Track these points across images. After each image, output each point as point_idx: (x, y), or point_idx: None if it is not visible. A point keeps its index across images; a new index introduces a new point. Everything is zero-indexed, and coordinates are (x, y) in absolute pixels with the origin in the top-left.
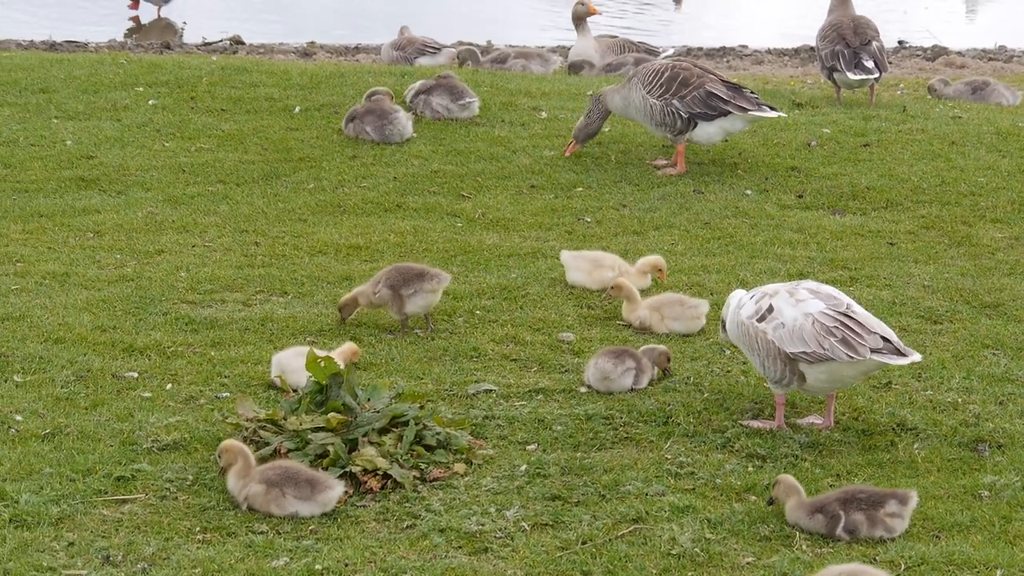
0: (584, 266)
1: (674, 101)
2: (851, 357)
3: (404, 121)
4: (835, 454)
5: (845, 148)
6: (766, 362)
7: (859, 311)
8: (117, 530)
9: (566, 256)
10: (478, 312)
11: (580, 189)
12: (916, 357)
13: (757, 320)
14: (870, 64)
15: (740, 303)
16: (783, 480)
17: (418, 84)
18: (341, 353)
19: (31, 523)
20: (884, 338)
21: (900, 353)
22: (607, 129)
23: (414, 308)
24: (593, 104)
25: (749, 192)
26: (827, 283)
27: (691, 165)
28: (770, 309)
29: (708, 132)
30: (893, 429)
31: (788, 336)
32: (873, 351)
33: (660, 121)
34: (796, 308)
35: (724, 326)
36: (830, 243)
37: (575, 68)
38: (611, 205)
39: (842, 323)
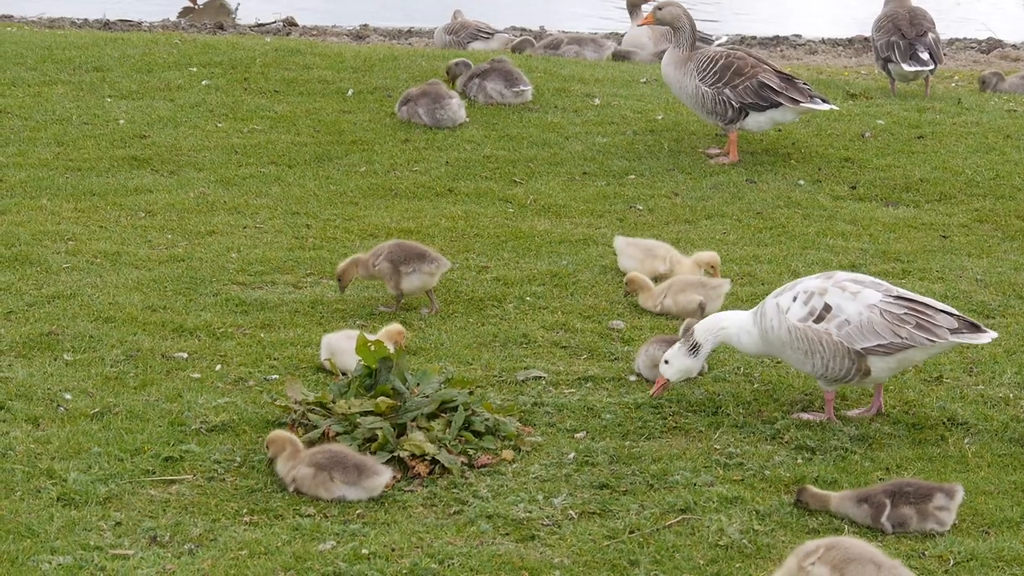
0: (636, 254)
1: (726, 90)
2: (932, 341)
3: (457, 107)
4: (885, 447)
5: (899, 140)
6: (831, 363)
7: (911, 293)
8: (164, 510)
9: (620, 242)
10: (528, 298)
11: (632, 177)
12: (994, 334)
13: (815, 322)
14: (925, 56)
15: (768, 312)
16: (807, 490)
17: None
18: (386, 333)
19: (79, 502)
20: (953, 315)
21: (977, 329)
22: (660, 116)
23: (410, 287)
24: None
25: (802, 182)
26: (879, 275)
27: (744, 155)
28: (827, 308)
29: (759, 122)
30: (943, 423)
31: (857, 332)
32: (952, 332)
33: (711, 109)
34: (856, 302)
35: (695, 350)
36: (883, 235)
37: (620, 56)
38: (663, 193)
39: (911, 308)
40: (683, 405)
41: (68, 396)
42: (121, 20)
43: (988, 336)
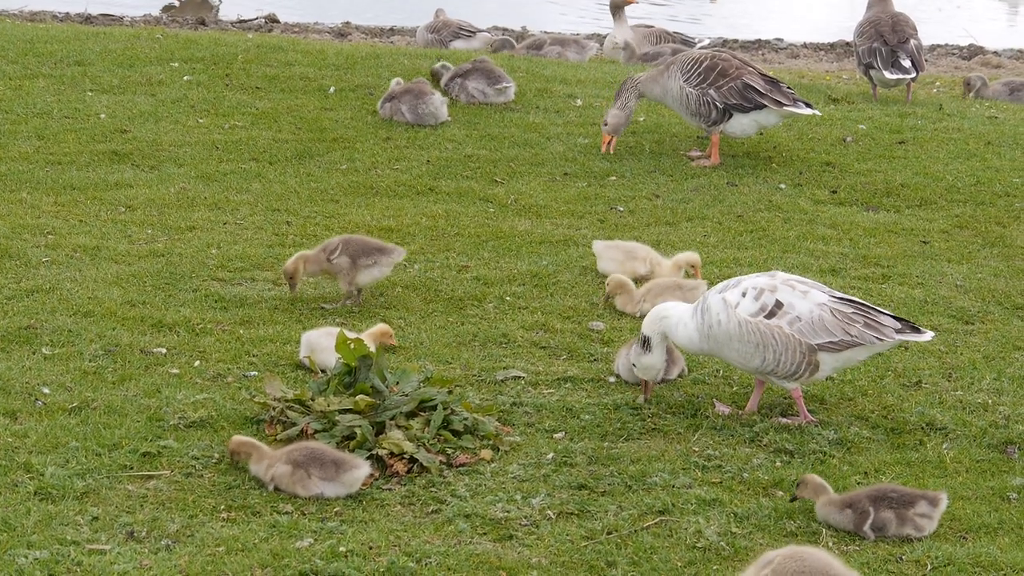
0: (616, 256)
1: (710, 91)
2: (880, 340)
3: (439, 104)
4: (863, 452)
5: (880, 145)
6: (782, 357)
7: (850, 296)
8: (142, 506)
9: (598, 246)
10: (508, 298)
11: (613, 178)
12: (931, 334)
13: (766, 317)
14: (907, 63)
15: (712, 307)
16: (810, 480)
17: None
18: (372, 335)
19: (56, 496)
20: (895, 317)
21: (917, 330)
22: (642, 119)
23: (366, 280)
24: (626, 91)
25: (783, 186)
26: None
27: (725, 158)
28: (779, 304)
29: (742, 124)
30: (922, 428)
31: (809, 328)
32: (897, 332)
33: (695, 110)
34: (806, 300)
35: (647, 345)
36: (863, 240)
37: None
38: (644, 195)
39: (858, 309)
40: (662, 407)
41: (46, 390)
42: (103, 14)
43: (927, 335)
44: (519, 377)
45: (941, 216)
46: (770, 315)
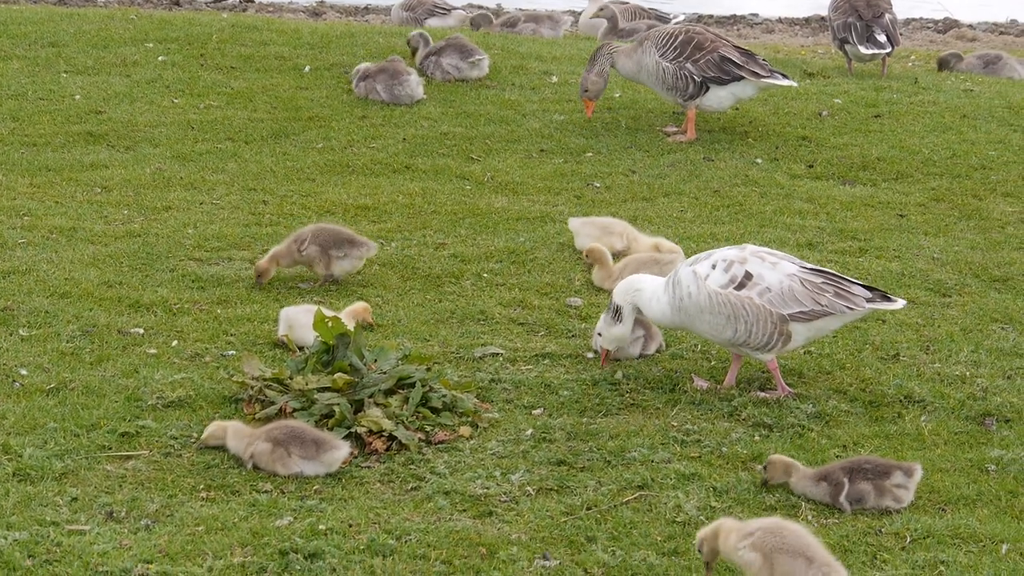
0: (593, 232)
1: (687, 64)
2: (851, 309)
3: (415, 83)
4: (842, 425)
5: (856, 119)
6: (753, 328)
7: (821, 267)
8: (121, 486)
9: (575, 223)
10: (486, 275)
11: (590, 154)
12: (903, 302)
13: (736, 288)
14: (882, 38)
15: (683, 280)
16: (777, 461)
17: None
18: (351, 312)
19: (35, 477)
20: (866, 286)
21: (888, 299)
22: (617, 95)
23: (340, 271)
24: (602, 58)
25: (759, 161)
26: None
27: (702, 133)
28: (748, 276)
29: (719, 97)
30: (900, 401)
31: (779, 299)
32: (868, 301)
33: (672, 85)
34: (776, 271)
35: (618, 315)
36: (840, 213)
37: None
38: (621, 171)
39: (828, 279)
40: (641, 382)
41: (24, 371)
42: None
43: (899, 303)
44: (497, 354)
45: (917, 189)
46: (740, 286)
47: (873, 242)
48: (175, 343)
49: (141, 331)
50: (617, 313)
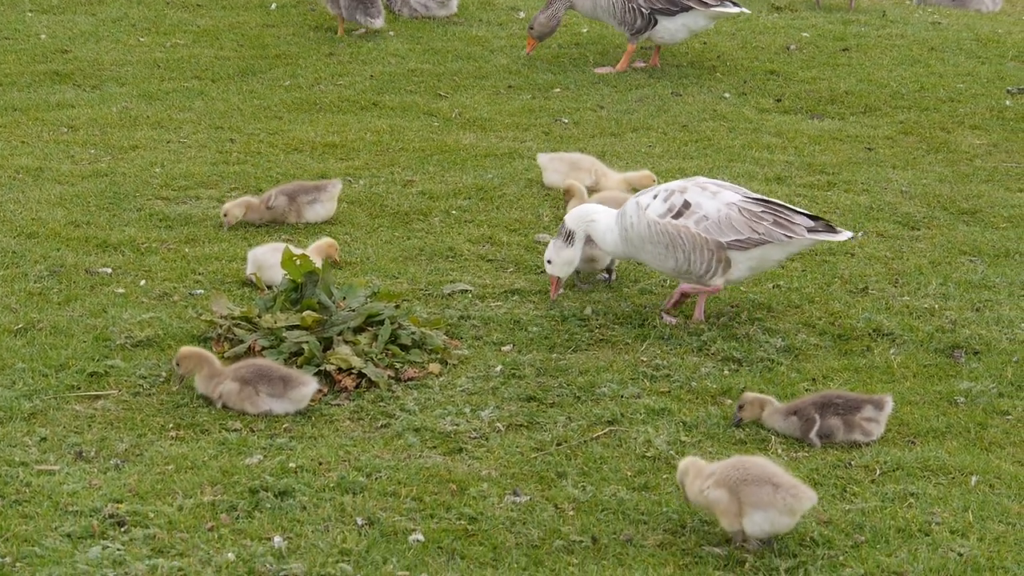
0: (561, 168)
1: None
2: (789, 237)
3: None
4: (811, 359)
5: (824, 52)
6: (692, 256)
7: (770, 198)
8: (90, 426)
9: (543, 158)
10: (454, 212)
11: (558, 90)
12: (849, 233)
13: (673, 217)
14: None
15: (628, 210)
16: (750, 400)
17: None
18: (317, 248)
19: (3, 418)
20: (812, 216)
21: (833, 230)
22: (585, 30)
23: (312, 217)
24: (557, 2)
25: (727, 95)
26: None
27: (669, 67)
28: (686, 204)
29: (670, 30)
30: (869, 334)
31: (716, 227)
32: (809, 230)
33: (621, 19)
34: (716, 200)
35: (570, 239)
36: (808, 147)
37: None
38: (589, 106)
39: (768, 208)
40: (610, 318)
41: None
42: None
43: (844, 235)
44: (466, 291)
45: (885, 123)
46: (677, 215)
47: (841, 176)
48: (143, 282)
49: (109, 271)
50: (569, 237)
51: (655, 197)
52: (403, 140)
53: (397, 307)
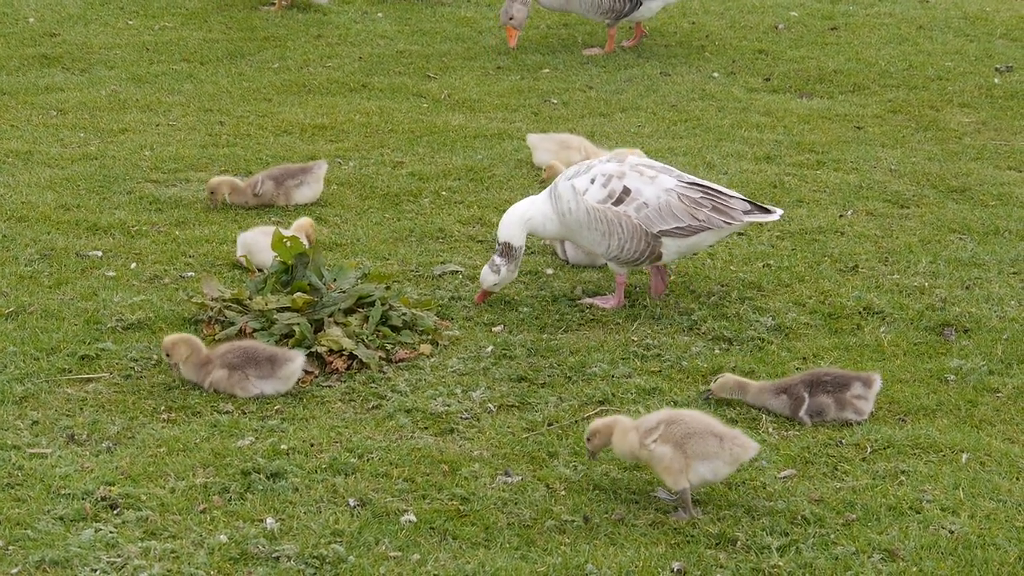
0: (551, 147)
1: None
2: (728, 223)
3: None
4: (801, 337)
5: (812, 31)
6: (627, 244)
7: (701, 180)
8: (81, 409)
9: (533, 138)
10: (444, 193)
11: (547, 71)
12: (780, 211)
13: (614, 204)
14: None
15: (563, 194)
16: (726, 380)
17: None
18: (298, 228)
19: None
20: (744, 199)
21: (766, 211)
22: None
23: (301, 199)
24: None
25: (716, 75)
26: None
27: (658, 47)
28: (626, 191)
29: (652, 8)
30: (859, 313)
31: (656, 214)
32: (746, 213)
33: (609, 7)
34: (654, 186)
35: (512, 255)
36: (797, 126)
37: None
38: (578, 87)
39: (706, 193)
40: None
41: None
42: None
43: (776, 214)
44: (456, 271)
45: (874, 101)
46: (618, 202)
47: (831, 154)
48: (133, 265)
49: (99, 254)
50: (510, 252)
51: (592, 182)
52: (392, 121)
53: (388, 288)
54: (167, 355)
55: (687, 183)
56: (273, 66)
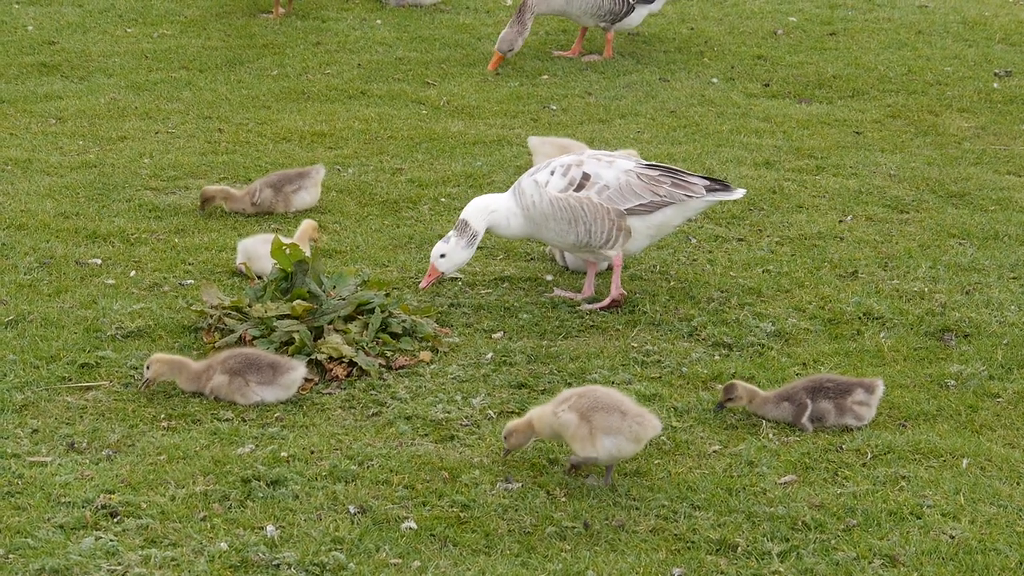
0: (552, 151)
1: None
2: (688, 197)
3: None
4: (801, 343)
5: (811, 37)
6: (593, 228)
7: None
8: (81, 417)
9: (534, 141)
10: (443, 199)
11: (546, 77)
12: (743, 191)
13: (575, 190)
14: None
15: (526, 190)
16: (738, 387)
17: None
18: (301, 233)
19: None
20: (707, 178)
21: (728, 188)
22: None
23: (300, 204)
24: (526, 13)
25: (715, 80)
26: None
27: (657, 53)
28: (586, 176)
29: (642, 13)
30: (859, 318)
31: (618, 194)
32: (708, 190)
33: (608, 9)
34: (612, 168)
35: (471, 237)
36: (796, 132)
37: None
38: (577, 93)
39: (664, 171)
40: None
41: None
42: None
43: (739, 193)
44: (456, 278)
45: (873, 106)
46: (579, 188)
47: (830, 160)
48: (133, 273)
49: (99, 262)
50: (468, 233)
51: (552, 173)
52: (391, 128)
53: (387, 295)
54: (147, 367)
55: (645, 164)
56: (272, 73)
